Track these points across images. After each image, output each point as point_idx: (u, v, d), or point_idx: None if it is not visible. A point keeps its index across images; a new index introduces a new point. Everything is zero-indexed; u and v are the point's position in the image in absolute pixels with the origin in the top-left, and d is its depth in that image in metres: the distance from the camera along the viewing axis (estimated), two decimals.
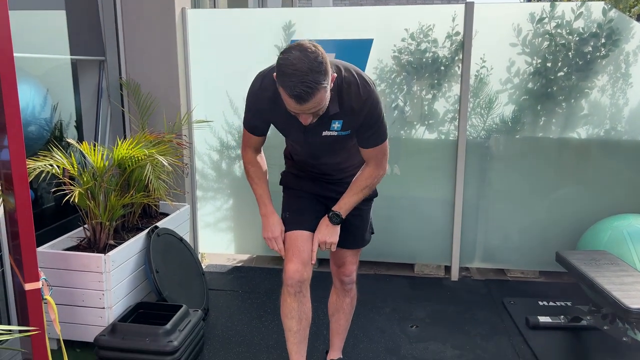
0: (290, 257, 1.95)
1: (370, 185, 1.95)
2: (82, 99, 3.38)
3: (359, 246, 2.19)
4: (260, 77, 1.85)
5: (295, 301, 1.95)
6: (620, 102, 3.35)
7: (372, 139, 1.86)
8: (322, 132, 1.85)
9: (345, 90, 1.76)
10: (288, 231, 2.02)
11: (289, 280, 1.93)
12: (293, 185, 2.12)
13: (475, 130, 3.50)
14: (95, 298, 2.53)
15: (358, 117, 1.79)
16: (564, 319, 2.88)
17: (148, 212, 3.25)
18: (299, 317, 1.96)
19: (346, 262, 2.18)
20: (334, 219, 1.95)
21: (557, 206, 3.51)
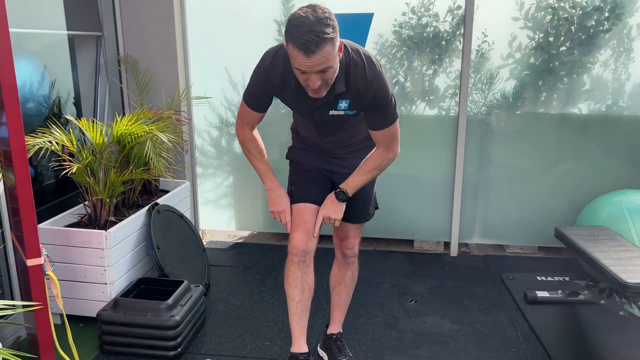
0: (296, 227, 2.00)
1: (379, 167, 1.96)
2: (80, 76, 3.36)
3: (363, 220, 2.20)
4: (271, 55, 1.83)
5: (299, 270, 1.98)
6: (622, 77, 3.32)
7: (379, 121, 1.86)
8: (329, 111, 1.87)
9: (353, 71, 1.77)
10: (294, 203, 2.06)
11: (294, 249, 1.97)
12: (299, 159, 2.14)
13: (476, 106, 3.48)
14: (97, 274, 2.55)
15: (364, 98, 1.80)
16: (562, 293, 2.91)
17: (148, 189, 3.26)
18: (301, 287, 1.99)
19: (349, 236, 2.20)
20: (340, 196, 1.98)
21: (557, 182, 3.51)
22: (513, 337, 2.59)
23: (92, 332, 2.50)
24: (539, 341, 2.54)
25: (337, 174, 2.08)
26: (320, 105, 1.84)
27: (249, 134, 2.03)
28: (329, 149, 2.09)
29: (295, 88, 1.80)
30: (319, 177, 2.11)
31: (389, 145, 1.92)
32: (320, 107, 1.86)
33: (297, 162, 2.16)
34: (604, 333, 2.61)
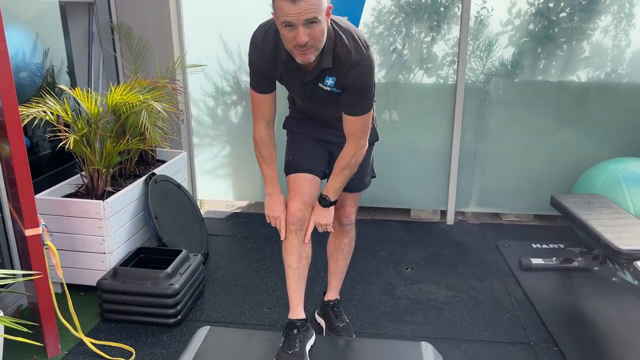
0: (293, 197, 2.01)
1: (349, 165, 1.95)
2: (73, 44, 3.30)
3: (359, 189, 2.21)
4: (263, 31, 1.85)
5: (296, 238, 1.99)
6: (622, 44, 3.29)
7: (354, 105, 1.85)
8: (318, 84, 1.87)
9: (340, 48, 1.78)
10: (292, 173, 2.06)
11: (291, 218, 1.98)
12: (295, 129, 2.15)
13: (474, 74, 3.45)
14: (96, 244, 2.57)
15: (347, 77, 1.80)
16: (556, 260, 2.94)
17: (145, 159, 3.25)
18: (299, 255, 2.01)
19: (345, 205, 2.21)
20: (323, 202, 1.99)
21: (554, 150, 3.51)
22: (507, 303, 2.64)
23: (92, 301, 2.54)
24: (533, 307, 2.59)
25: (333, 144, 2.08)
26: (309, 80, 1.85)
27: (264, 134, 2.01)
28: (324, 120, 2.09)
29: (286, 63, 1.82)
30: (316, 146, 2.11)
31: (358, 136, 1.91)
32: (309, 82, 1.86)
33: (294, 132, 2.16)
34: (596, 299, 2.65)
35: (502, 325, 2.46)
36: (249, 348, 2.03)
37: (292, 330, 1.99)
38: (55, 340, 2.20)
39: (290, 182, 2.06)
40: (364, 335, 2.36)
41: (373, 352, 2.06)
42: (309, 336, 2.04)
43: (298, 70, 1.84)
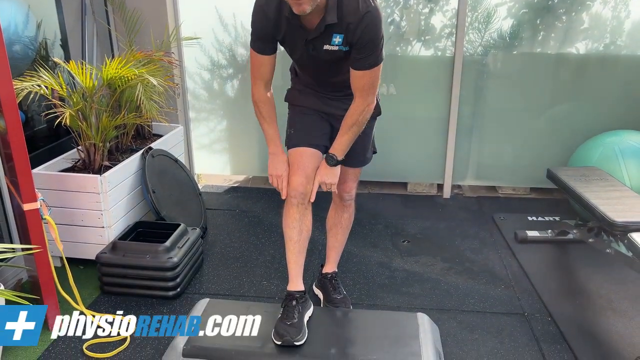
0: (295, 171, 2.01)
1: (358, 122, 1.95)
2: (66, 17, 3.24)
3: (360, 164, 2.22)
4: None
5: (298, 212, 2.01)
6: (621, 15, 3.26)
7: (364, 60, 1.82)
8: (324, 45, 1.84)
9: (346, 3, 1.76)
10: (293, 147, 2.06)
11: (293, 191, 1.99)
12: (297, 102, 2.13)
13: (472, 46, 3.42)
14: (94, 218, 2.58)
15: (355, 32, 1.77)
16: (552, 233, 2.97)
17: (141, 134, 3.24)
18: (299, 228, 2.02)
19: (347, 180, 2.21)
20: (330, 161, 1.99)
21: (551, 123, 3.51)
22: (503, 274, 2.68)
23: (92, 274, 2.56)
24: (528, 279, 2.62)
25: (335, 117, 2.06)
26: (313, 37, 1.82)
27: (263, 93, 2.01)
28: (327, 88, 2.07)
29: (289, 20, 1.80)
30: (318, 120, 2.10)
31: (366, 92, 1.90)
32: (314, 40, 1.83)
33: (296, 105, 2.14)
34: (590, 270, 2.69)
35: (497, 296, 2.50)
36: (247, 320, 2.05)
37: (290, 302, 2.02)
38: (56, 313, 2.23)
39: (291, 156, 2.06)
40: (361, 307, 2.39)
41: (370, 322, 2.09)
42: (307, 307, 2.07)
43: (301, 28, 1.82)
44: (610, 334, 2.22)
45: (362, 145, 2.15)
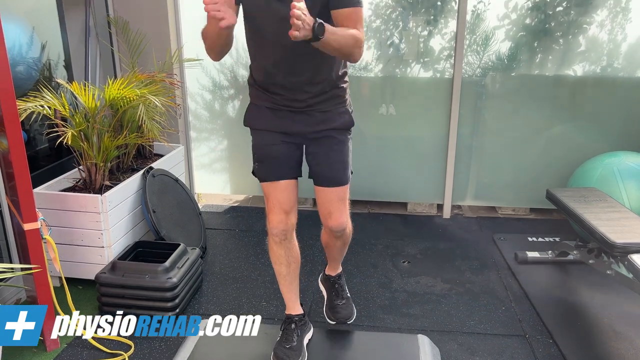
0: (272, 208, 1.92)
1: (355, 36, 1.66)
2: (70, 38, 3.29)
3: (340, 183, 1.97)
4: None
5: (282, 248, 1.96)
6: (618, 38, 3.30)
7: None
8: None
9: None
10: (264, 181, 1.95)
11: (274, 229, 1.93)
12: (259, 125, 1.94)
13: (470, 68, 3.46)
14: (94, 237, 2.58)
15: None
16: (552, 253, 2.97)
17: (142, 153, 3.26)
18: (287, 262, 1.99)
19: (332, 210, 1.99)
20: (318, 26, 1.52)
21: (550, 144, 3.53)
22: (503, 296, 2.66)
23: (91, 294, 2.55)
24: (529, 300, 2.61)
25: (304, 137, 1.92)
26: None
27: None
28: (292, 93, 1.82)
29: None
30: (285, 149, 1.93)
31: (356, 24, 1.69)
32: None
33: (258, 130, 1.95)
34: (592, 292, 2.68)
35: (498, 317, 2.48)
36: (247, 341, 2.04)
37: (289, 325, 2.01)
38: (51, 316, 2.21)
39: (264, 189, 1.96)
40: (361, 328, 2.37)
41: (370, 344, 2.08)
42: (306, 330, 2.06)
43: None
44: (612, 357, 2.20)
45: (338, 160, 1.95)
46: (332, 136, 1.92)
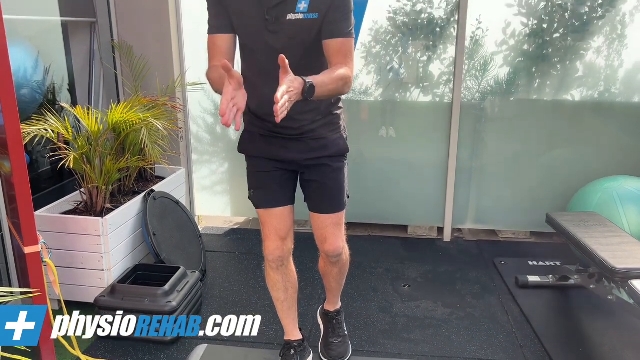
0: (268, 235, 1.92)
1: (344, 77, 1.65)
2: (74, 62, 3.34)
3: (336, 210, 1.96)
4: None
5: (279, 274, 1.96)
6: (615, 64, 3.34)
7: (338, 23, 1.66)
8: (287, 15, 1.66)
9: None
10: (259, 208, 1.96)
11: (270, 256, 1.93)
12: (253, 152, 1.94)
13: (469, 92, 3.49)
14: (94, 260, 2.58)
15: None
16: (553, 278, 2.96)
17: (144, 176, 3.27)
18: (284, 288, 1.98)
19: (327, 235, 1.96)
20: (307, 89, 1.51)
21: (549, 168, 3.54)
22: (504, 321, 2.65)
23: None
24: (530, 325, 2.59)
25: (297, 164, 1.92)
26: (276, 4, 1.64)
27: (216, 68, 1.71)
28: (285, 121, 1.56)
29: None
30: (279, 176, 1.93)
31: (346, 61, 1.69)
32: (276, 7, 1.65)
33: (252, 157, 1.96)
34: (593, 317, 2.66)
35: (499, 343, 2.46)
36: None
37: (289, 351, 2.00)
38: (52, 358, 2.19)
39: (260, 217, 1.97)
40: (362, 354, 2.35)
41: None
42: (306, 355, 2.04)
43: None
44: None
45: (333, 187, 1.94)
46: (326, 164, 1.90)
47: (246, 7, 1.68)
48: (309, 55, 1.72)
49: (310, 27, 1.67)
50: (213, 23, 1.75)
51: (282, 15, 1.65)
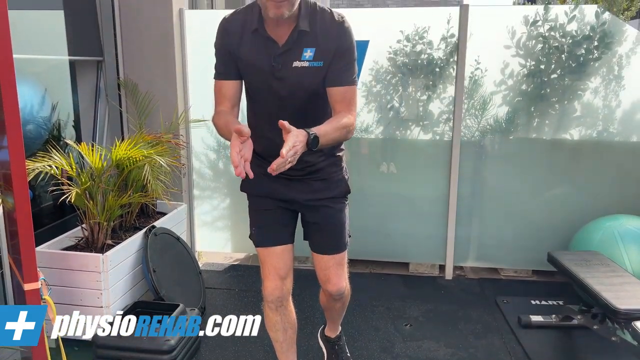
0: (267, 275, 1.93)
1: (347, 126, 1.71)
2: (80, 99, 3.40)
3: (338, 250, 1.99)
4: (232, 12, 1.82)
5: (278, 315, 1.95)
6: (612, 104, 3.39)
7: (342, 72, 1.73)
8: (293, 62, 1.72)
9: (320, 15, 1.73)
10: (259, 246, 1.97)
11: (269, 296, 1.92)
12: (255, 191, 1.97)
13: (469, 131, 3.54)
14: (94, 297, 2.56)
15: (331, 42, 1.71)
16: (556, 318, 2.92)
17: (145, 212, 3.28)
18: (283, 329, 1.97)
19: (331, 276, 1.98)
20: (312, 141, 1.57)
21: (550, 206, 3.55)
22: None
23: (87, 356, 2.50)
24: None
25: (299, 204, 1.94)
26: (283, 52, 1.71)
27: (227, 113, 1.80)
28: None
29: (258, 31, 1.72)
30: (280, 213, 1.95)
31: (349, 106, 1.75)
32: (283, 55, 1.71)
33: (254, 196, 1.99)
34: (596, 358, 2.62)
35: None
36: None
37: None
38: None
39: (260, 256, 1.98)
40: None
41: None
42: None
43: (269, 40, 1.72)
44: None
45: (336, 228, 1.97)
46: (328, 206, 1.94)
47: (254, 53, 1.74)
48: (313, 100, 1.79)
49: (315, 74, 1.73)
50: (220, 69, 1.81)
51: (289, 63, 1.72)
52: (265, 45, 1.72)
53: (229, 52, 1.77)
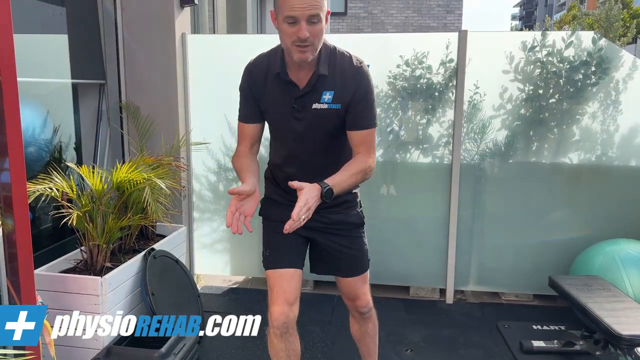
0: (275, 299, 1.92)
1: (364, 170, 1.81)
2: (82, 122, 3.42)
3: (363, 271, 2.11)
4: (257, 56, 1.93)
5: (283, 342, 1.93)
6: (610, 129, 3.42)
7: (361, 116, 1.81)
8: (313, 104, 1.81)
9: (339, 59, 1.81)
10: (270, 269, 1.98)
11: (275, 322, 1.91)
12: (273, 217, 2.03)
13: (469, 154, 3.55)
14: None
15: (350, 86, 1.78)
16: (557, 343, 2.89)
17: (145, 234, 3.27)
18: (287, 356, 1.95)
19: (359, 294, 2.12)
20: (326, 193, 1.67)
21: (550, 230, 3.54)
22: None
23: None
24: None
25: (314, 230, 1.98)
26: (303, 94, 1.80)
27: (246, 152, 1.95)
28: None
29: (280, 76, 1.81)
30: (294, 238, 1.98)
31: (369, 149, 1.85)
32: (303, 97, 1.80)
33: (271, 220, 2.03)
34: None
35: None
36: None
37: None
38: None
39: (270, 279, 1.98)
40: None
41: None
42: None
43: (290, 84, 1.81)
44: None
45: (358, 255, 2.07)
46: (344, 235, 2.03)
47: (276, 96, 1.85)
48: (331, 139, 1.89)
49: (333, 116, 1.83)
50: (243, 112, 1.95)
51: (308, 105, 1.82)
52: (287, 88, 1.82)
53: (253, 96, 1.90)
